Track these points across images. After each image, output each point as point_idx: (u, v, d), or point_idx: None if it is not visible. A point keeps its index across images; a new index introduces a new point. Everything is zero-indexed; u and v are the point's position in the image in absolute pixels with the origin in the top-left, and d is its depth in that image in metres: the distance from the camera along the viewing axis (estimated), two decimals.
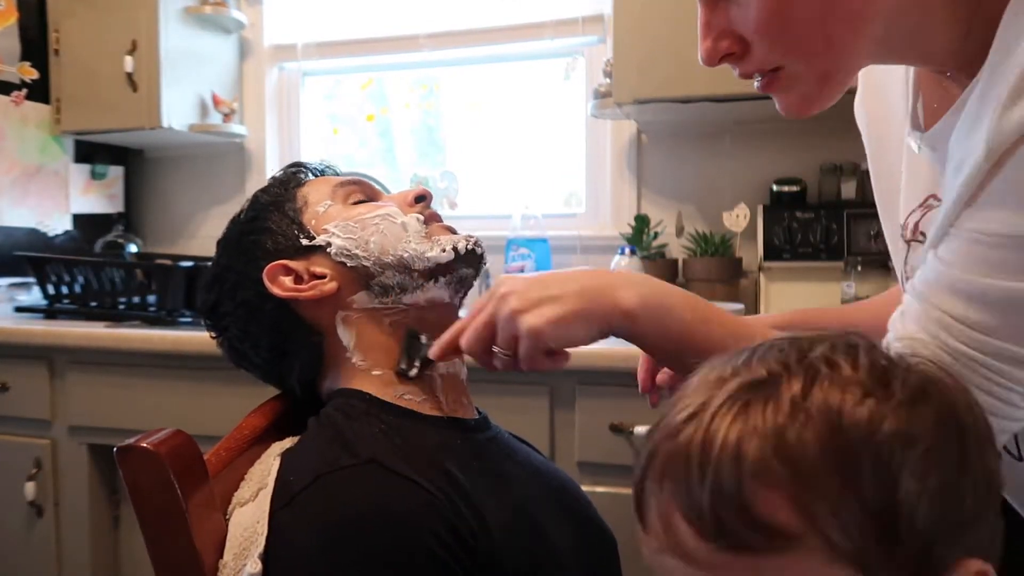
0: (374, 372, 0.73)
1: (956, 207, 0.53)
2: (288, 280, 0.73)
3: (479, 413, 0.79)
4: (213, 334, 0.79)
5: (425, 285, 0.74)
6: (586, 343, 0.63)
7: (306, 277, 0.73)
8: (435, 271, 0.74)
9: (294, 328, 0.74)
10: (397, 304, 0.74)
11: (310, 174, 0.82)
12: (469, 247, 0.76)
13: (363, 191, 0.79)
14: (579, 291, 0.62)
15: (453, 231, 0.78)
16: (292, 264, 0.74)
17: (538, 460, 0.81)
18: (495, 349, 0.64)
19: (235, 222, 0.79)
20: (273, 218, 0.76)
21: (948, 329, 0.53)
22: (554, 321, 0.61)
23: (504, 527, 0.65)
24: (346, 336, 0.74)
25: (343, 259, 0.73)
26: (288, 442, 0.71)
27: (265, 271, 0.73)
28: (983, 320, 0.51)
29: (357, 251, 0.73)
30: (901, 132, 0.70)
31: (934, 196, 0.65)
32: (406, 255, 0.73)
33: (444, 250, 0.74)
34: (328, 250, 0.73)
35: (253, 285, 0.74)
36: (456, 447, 0.69)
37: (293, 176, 0.81)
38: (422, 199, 0.78)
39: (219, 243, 0.80)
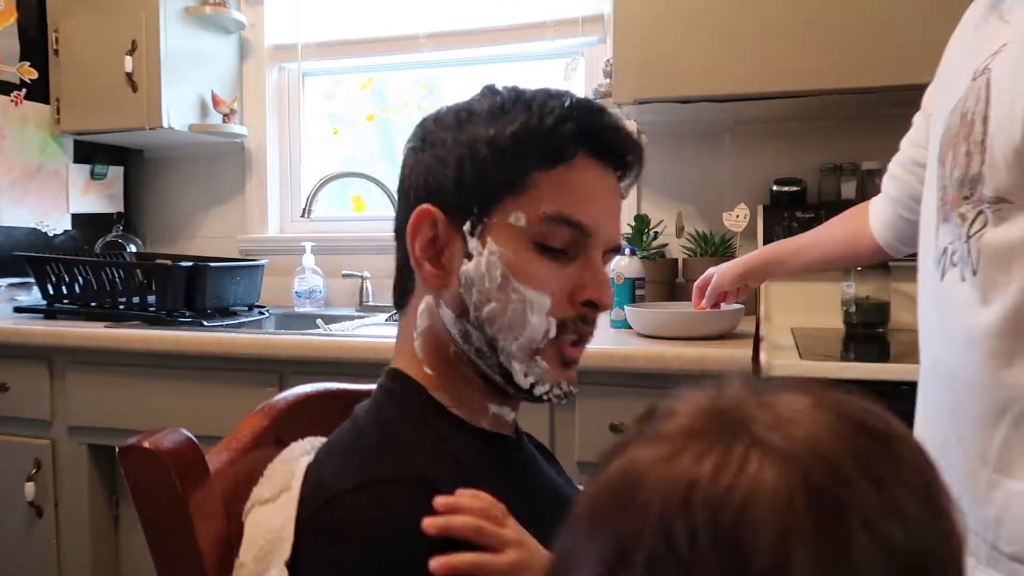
0: (426, 370, 0.68)
1: None
2: (421, 238, 0.64)
3: (516, 432, 0.74)
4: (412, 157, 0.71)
5: (495, 378, 0.66)
6: None
7: (444, 251, 0.65)
8: (506, 383, 0.66)
9: (405, 255, 0.67)
10: (467, 353, 0.66)
11: (589, 144, 0.64)
12: (554, 396, 0.66)
13: (571, 237, 0.63)
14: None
15: (569, 364, 0.67)
16: (443, 220, 0.64)
17: (556, 481, 0.77)
18: None
19: (471, 112, 0.66)
20: (483, 152, 0.62)
21: None
22: None
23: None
24: (421, 322, 0.67)
25: (463, 279, 0.64)
26: (317, 440, 0.70)
27: (418, 212, 0.64)
28: None
29: (474, 292, 0.63)
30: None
31: (1003, 45, 0.72)
32: (498, 345, 0.64)
33: (532, 386, 0.65)
34: (462, 261, 0.64)
35: (438, 174, 0.65)
36: (500, 466, 0.67)
37: (566, 139, 0.62)
38: (593, 306, 0.65)
39: (452, 115, 0.68)
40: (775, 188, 1.88)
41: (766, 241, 1.82)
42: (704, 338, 1.54)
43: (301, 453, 0.68)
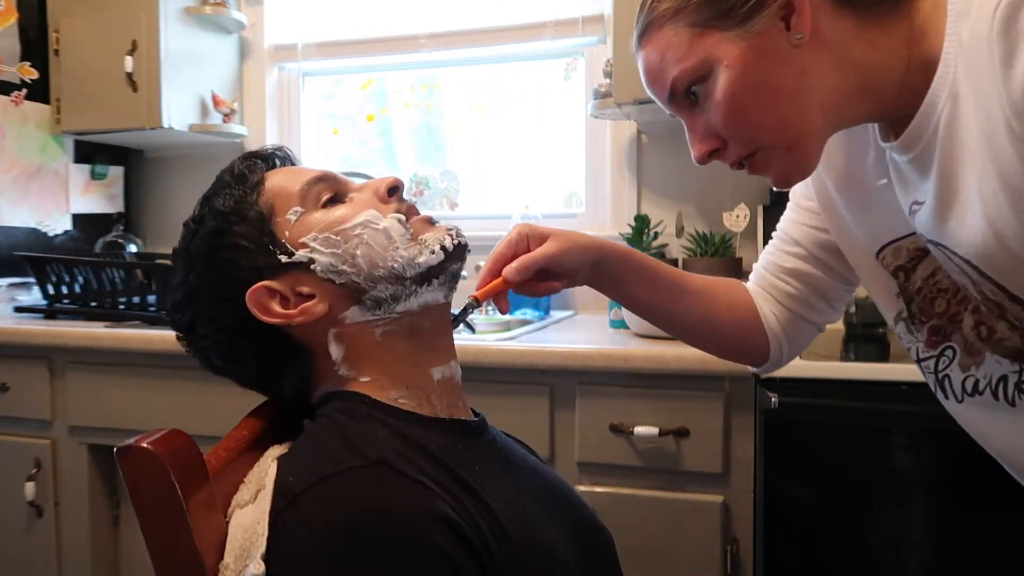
0: (362, 379, 0.71)
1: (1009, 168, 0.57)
2: (275, 304, 0.69)
3: (476, 415, 0.78)
4: (192, 352, 0.75)
5: (419, 290, 0.71)
6: None
7: (292, 298, 0.70)
8: (427, 275, 0.71)
9: (282, 349, 0.71)
10: (390, 314, 0.71)
11: (263, 164, 0.75)
12: (455, 241, 0.73)
13: (330, 187, 0.73)
14: None
15: (433, 223, 0.74)
16: (275, 285, 0.69)
17: (533, 462, 0.81)
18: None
19: (194, 233, 0.72)
20: (239, 230, 0.70)
21: None
22: None
23: (511, 530, 0.65)
24: (336, 351, 0.71)
25: (330, 276, 0.69)
26: (286, 446, 0.71)
27: (248, 296, 0.68)
28: None
29: (344, 267, 0.69)
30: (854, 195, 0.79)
31: (915, 202, 0.69)
32: (396, 265, 0.70)
33: (433, 251, 0.71)
34: (312, 267, 0.69)
35: (234, 308, 0.69)
36: (459, 450, 0.69)
37: (248, 172, 0.73)
38: (395, 190, 0.74)
39: (180, 256, 0.74)
40: (775, 188, 1.88)
41: (766, 240, 1.81)
42: None
43: (277, 454, 0.69)
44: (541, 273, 0.80)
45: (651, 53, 0.71)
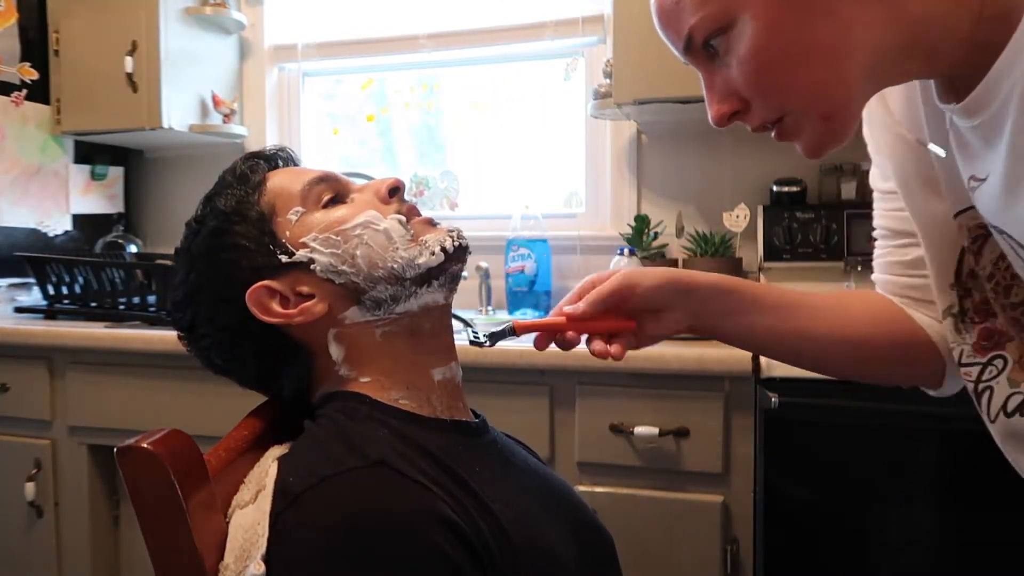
0: (362, 380, 0.71)
1: None
2: (275, 304, 0.69)
3: (476, 416, 0.78)
4: (192, 351, 0.75)
5: (419, 291, 0.71)
6: None
7: (292, 299, 0.70)
8: (427, 276, 0.71)
9: (282, 349, 0.72)
10: (390, 315, 0.71)
11: (264, 164, 0.76)
12: (455, 243, 0.73)
13: (331, 187, 0.73)
14: None
15: (434, 224, 0.74)
16: (275, 285, 0.69)
17: (534, 463, 0.81)
18: None
19: (196, 232, 0.73)
20: (240, 230, 0.70)
21: None
22: None
23: (512, 531, 0.65)
24: (336, 351, 0.71)
25: (330, 276, 0.70)
26: (286, 447, 0.71)
27: (248, 296, 0.69)
28: None
29: (344, 267, 0.69)
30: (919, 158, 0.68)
31: (972, 177, 0.60)
32: (396, 266, 0.70)
33: (433, 253, 0.71)
34: (312, 267, 0.70)
35: (235, 308, 0.69)
36: (459, 451, 0.69)
37: (250, 172, 0.74)
38: (396, 191, 0.74)
39: (182, 255, 0.74)
40: (775, 188, 1.88)
41: (766, 240, 1.82)
42: (704, 338, 1.54)
43: (278, 454, 0.69)
44: (627, 312, 0.73)
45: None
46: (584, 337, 0.75)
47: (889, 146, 0.74)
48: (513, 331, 0.75)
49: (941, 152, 0.63)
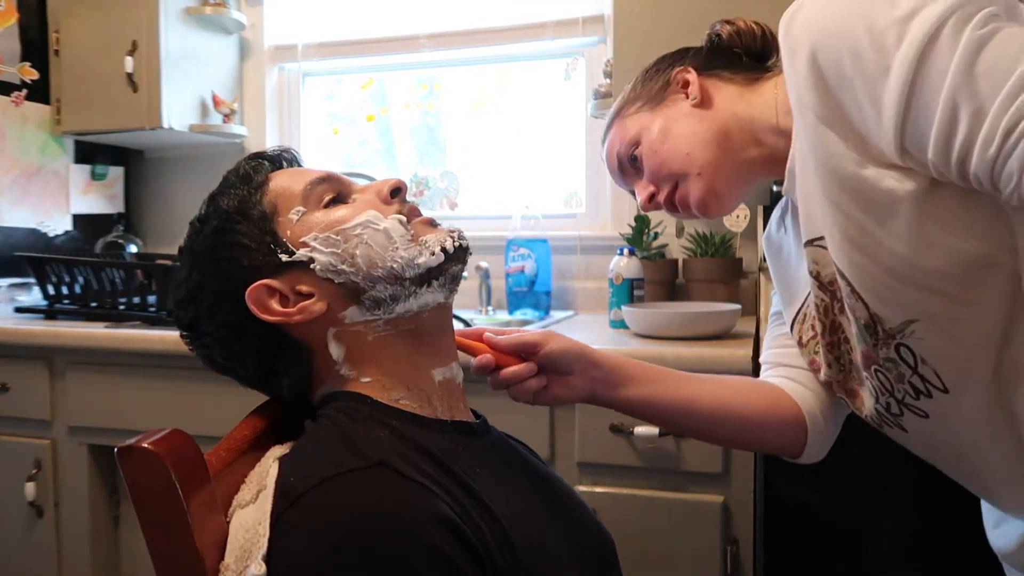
0: (363, 379, 0.71)
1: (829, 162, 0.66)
2: (274, 302, 0.70)
3: (476, 417, 0.78)
4: (194, 350, 0.76)
5: (418, 291, 0.71)
6: None
7: (291, 297, 0.70)
8: (427, 276, 0.71)
9: (282, 348, 0.72)
10: (390, 315, 0.71)
11: (268, 164, 0.77)
12: (456, 244, 0.73)
13: (333, 187, 0.74)
14: None
15: (435, 224, 0.75)
16: (275, 283, 0.70)
17: (535, 464, 0.81)
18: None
19: (199, 231, 0.73)
20: (242, 229, 0.71)
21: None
22: None
23: (512, 532, 0.65)
24: (337, 350, 0.71)
25: (329, 275, 0.70)
26: (287, 447, 0.71)
27: (248, 294, 0.69)
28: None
29: (343, 267, 0.70)
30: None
31: (819, 239, 0.74)
32: (395, 265, 0.70)
33: (433, 253, 0.71)
34: (312, 267, 0.70)
35: (235, 306, 0.70)
36: (460, 452, 0.69)
37: (253, 172, 0.74)
38: (397, 192, 0.74)
39: (185, 253, 0.75)
40: (775, 188, 1.88)
41: None
42: (703, 338, 1.54)
43: (279, 454, 0.69)
44: (541, 370, 0.83)
45: (608, 146, 0.92)
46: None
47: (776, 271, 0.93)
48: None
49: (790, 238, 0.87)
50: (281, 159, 0.78)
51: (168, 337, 1.69)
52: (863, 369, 0.76)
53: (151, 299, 1.96)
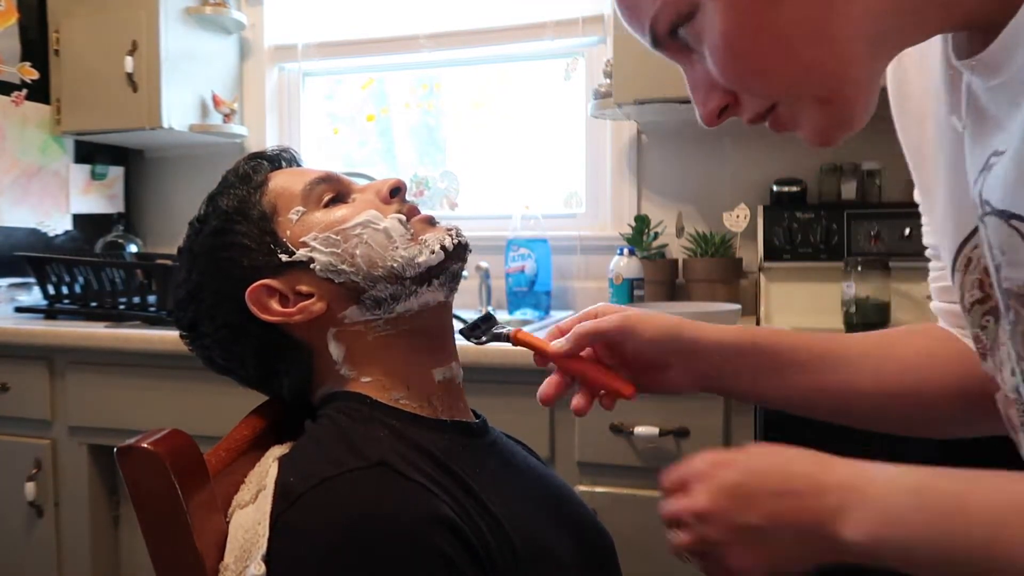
0: (363, 379, 0.71)
1: None
2: (274, 302, 0.70)
3: (477, 417, 0.78)
4: (194, 350, 0.76)
5: (419, 291, 0.71)
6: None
7: (291, 297, 0.70)
8: (427, 274, 0.71)
9: (282, 348, 0.72)
10: (390, 314, 0.71)
11: (268, 164, 0.76)
12: (455, 242, 0.72)
13: (333, 187, 0.74)
14: (798, 524, 0.51)
15: (434, 223, 0.74)
16: (275, 284, 0.70)
17: (535, 464, 0.81)
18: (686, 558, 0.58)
19: (198, 232, 0.73)
20: (242, 229, 0.71)
21: None
22: (760, 565, 0.53)
23: (512, 532, 0.65)
24: (337, 350, 0.71)
25: (329, 275, 0.70)
26: (287, 446, 0.71)
27: (248, 294, 0.69)
28: None
29: (343, 266, 0.69)
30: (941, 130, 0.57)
31: (994, 152, 0.48)
32: (395, 265, 0.70)
33: (433, 251, 0.71)
34: (311, 267, 0.70)
35: (234, 306, 0.70)
36: (460, 451, 0.69)
37: (253, 172, 0.74)
38: (397, 191, 0.74)
39: (185, 254, 0.74)
40: (775, 188, 1.88)
41: (766, 240, 1.82)
42: None
43: (278, 454, 0.69)
44: (625, 363, 0.68)
45: None
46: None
47: (908, 124, 0.64)
48: (509, 339, 0.74)
49: (959, 126, 0.52)
50: (280, 159, 0.78)
51: (168, 337, 1.69)
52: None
53: (151, 299, 1.96)
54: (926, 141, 0.61)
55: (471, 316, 0.82)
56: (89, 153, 2.36)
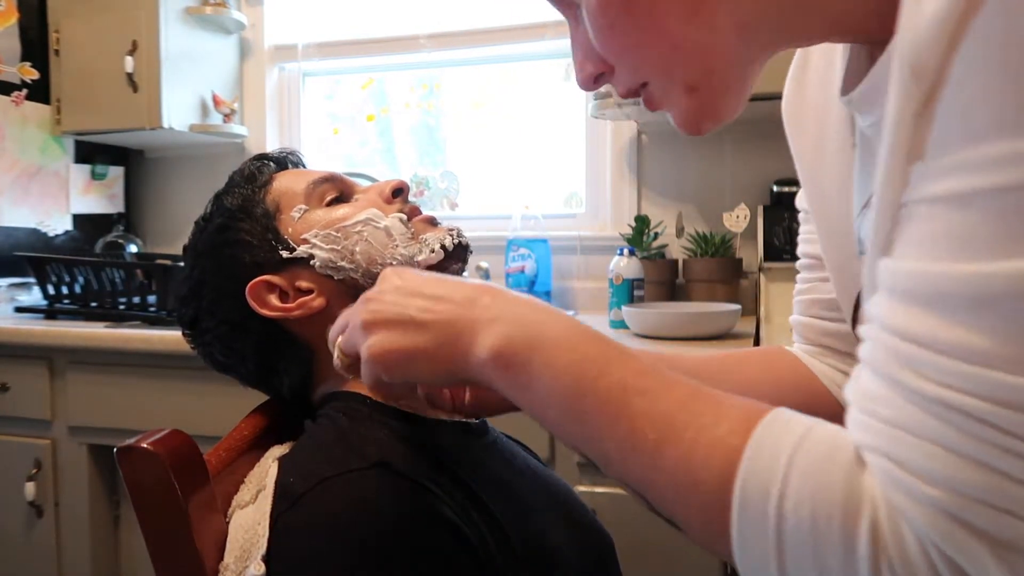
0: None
1: (891, 173, 0.35)
2: (273, 298, 0.70)
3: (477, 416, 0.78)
4: (195, 347, 0.76)
5: None
6: (438, 385, 0.56)
7: (291, 293, 0.71)
8: None
9: (281, 345, 0.72)
10: None
11: (273, 165, 0.78)
12: (456, 242, 0.73)
13: (336, 187, 0.75)
14: (442, 323, 0.50)
15: (435, 223, 0.75)
16: (275, 279, 0.71)
17: (534, 464, 0.81)
18: (335, 352, 0.58)
19: (203, 230, 0.75)
20: (245, 227, 0.72)
21: (912, 364, 0.33)
22: (395, 352, 0.51)
23: (512, 532, 0.65)
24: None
25: (329, 272, 0.71)
26: (287, 446, 0.71)
27: (248, 289, 0.70)
28: (964, 339, 0.31)
29: (343, 263, 0.70)
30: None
31: (873, 193, 0.44)
32: (395, 262, 0.71)
33: (433, 250, 0.72)
34: (312, 263, 0.71)
35: (235, 302, 0.70)
36: (460, 452, 0.69)
37: (258, 172, 0.76)
38: (399, 192, 0.75)
39: (188, 251, 0.75)
40: (775, 188, 1.88)
41: (766, 240, 1.82)
42: (703, 338, 1.54)
43: (278, 454, 0.69)
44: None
45: None
46: None
47: (800, 134, 0.62)
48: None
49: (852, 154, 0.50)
50: (286, 161, 0.79)
51: (168, 337, 1.69)
52: None
53: (151, 299, 1.96)
54: (821, 158, 0.59)
55: None
56: (89, 153, 2.36)
